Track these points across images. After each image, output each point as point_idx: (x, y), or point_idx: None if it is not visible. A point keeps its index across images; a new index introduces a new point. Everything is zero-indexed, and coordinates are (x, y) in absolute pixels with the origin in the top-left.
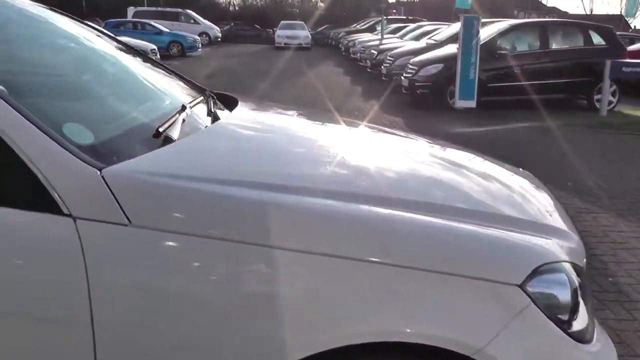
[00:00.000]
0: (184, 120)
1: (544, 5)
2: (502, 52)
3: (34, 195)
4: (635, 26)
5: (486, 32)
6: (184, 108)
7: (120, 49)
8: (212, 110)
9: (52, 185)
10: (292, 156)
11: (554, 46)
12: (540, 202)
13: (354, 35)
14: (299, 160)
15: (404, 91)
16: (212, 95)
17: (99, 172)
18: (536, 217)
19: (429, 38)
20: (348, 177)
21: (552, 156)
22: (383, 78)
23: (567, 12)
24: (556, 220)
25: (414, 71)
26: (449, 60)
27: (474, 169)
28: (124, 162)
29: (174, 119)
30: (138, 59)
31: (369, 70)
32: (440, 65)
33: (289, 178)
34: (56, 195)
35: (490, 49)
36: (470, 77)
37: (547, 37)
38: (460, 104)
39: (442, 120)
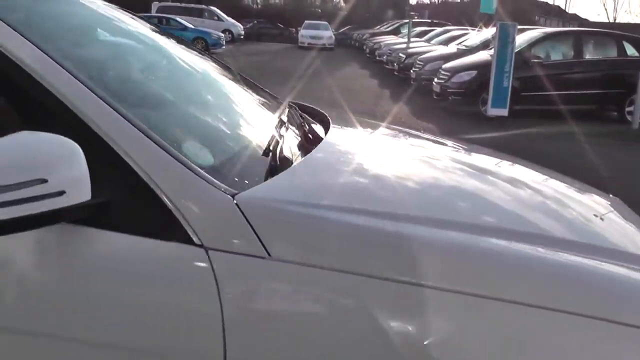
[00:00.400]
0: (289, 138)
1: (566, 12)
2: (536, 60)
3: (161, 222)
4: None
5: (518, 40)
6: (282, 123)
7: (196, 55)
8: (307, 126)
9: (181, 213)
10: (428, 183)
11: (587, 56)
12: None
13: (378, 37)
14: (439, 188)
15: (435, 97)
16: (294, 106)
17: (232, 199)
18: None
19: (459, 43)
20: (491, 209)
21: (585, 168)
22: (412, 82)
23: (587, 20)
24: None
25: (446, 77)
26: (483, 67)
27: (582, 202)
28: (255, 188)
29: (279, 136)
30: (212, 63)
31: (395, 73)
32: (473, 72)
33: (445, 211)
34: (186, 223)
35: (524, 57)
36: (503, 85)
37: (581, 46)
38: (492, 112)
39: (476, 127)
